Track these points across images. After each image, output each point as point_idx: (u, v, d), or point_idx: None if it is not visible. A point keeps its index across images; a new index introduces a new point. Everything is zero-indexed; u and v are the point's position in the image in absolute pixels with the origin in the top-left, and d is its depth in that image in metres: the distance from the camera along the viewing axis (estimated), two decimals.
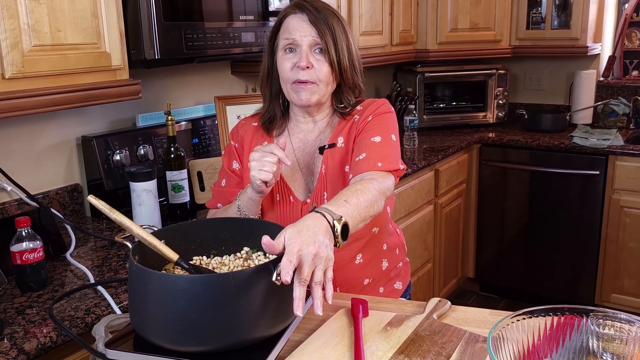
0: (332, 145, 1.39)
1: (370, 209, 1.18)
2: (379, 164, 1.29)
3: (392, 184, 1.31)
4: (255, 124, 1.48)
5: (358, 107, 1.42)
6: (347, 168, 1.37)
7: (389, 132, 1.36)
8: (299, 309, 0.91)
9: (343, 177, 1.37)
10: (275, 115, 1.44)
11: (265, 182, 1.24)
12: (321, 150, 1.40)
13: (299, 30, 1.31)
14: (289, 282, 0.90)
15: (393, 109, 1.43)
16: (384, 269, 1.48)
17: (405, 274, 1.57)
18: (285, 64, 1.33)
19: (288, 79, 1.34)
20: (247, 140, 1.46)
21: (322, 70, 1.32)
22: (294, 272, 0.92)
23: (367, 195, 1.17)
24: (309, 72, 1.31)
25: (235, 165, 1.47)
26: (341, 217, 1.05)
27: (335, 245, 1.04)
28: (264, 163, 1.22)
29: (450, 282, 3.35)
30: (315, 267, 0.96)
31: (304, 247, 0.94)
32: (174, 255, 1.04)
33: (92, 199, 1.07)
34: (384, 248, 1.48)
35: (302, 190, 1.42)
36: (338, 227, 1.04)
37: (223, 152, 1.53)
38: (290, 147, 1.43)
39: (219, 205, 1.47)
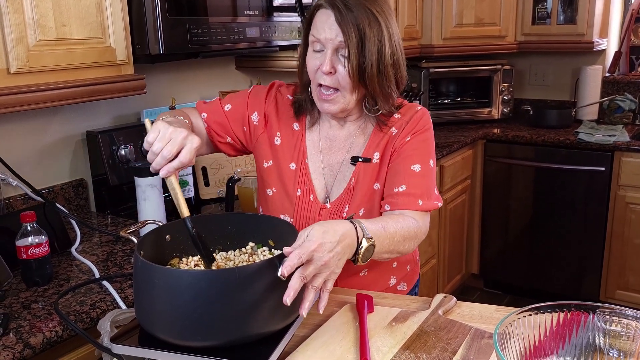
0: (368, 160, 1.33)
1: (400, 246, 1.18)
2: (420, 202, 1.27)
3: (428, 225, 1.30)
4: (290, 98, 1.39)
5: (396, 116, 1.34)
6: (376, 186, 1.33)
7: (427, 158, 1.31)
8: (289, 297, 0.92)
9: (370, 193, 1.33)
10: (304, 103, 1.35)
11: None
12: (354, 161, 1.34)
13: (325, 30, 1.20)
14: (286, 276, 0.91)
15: (431, 120, 1.36)
16: (391, 285, 1.44)
17: (413, 273, 1.52)
18: (312, 63, 1.25)
19: (313, 80, 1.27)
20: (278, 110, 1.38)
21: (345, 77, 1.21)
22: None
23: (404, 232, 1.18)
24: (331, 78, 1.22)
25: (255, 117, 1.38)
26: (371, 237, 1.06)
27: (353, 261, 1.05)
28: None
29: (455, 278, 3.34)
30: (319, 273, 0.97)
31: (320, 250, 0.95)
32: (186, 212, 1.05)
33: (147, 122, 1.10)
34: (394, 266, 1.43)
35: (320, 191, 1.36)
36: (364, 246, 1.05)
37: (249, 92, 1.41)
38: (317, 147, 1.37)
39: (203, 114, 1.38)
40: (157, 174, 1.07)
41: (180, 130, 1.07)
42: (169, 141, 1.05)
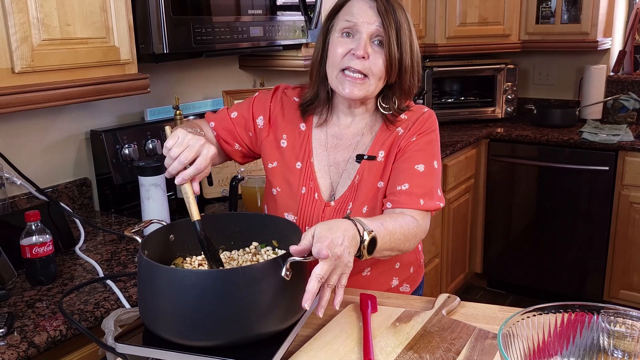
0: (372, 158, 1.33)
1: (402, 244, 1.18)
2: (421, 202, 1.27)
3: (428, 225, 1.30)
4: (297, 100, 1.40)
5: (403, 116, 1.35)
6: (380, 184, 1.33)
7: (432, 159, 1.32)
8: (307, 302, 0.92)
9: (374, 192, 1.33)
10: (317, 98, 1.35)
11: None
12: (359, 158, 1.34)
13: (363, 15, 1.23)
14: (328, 255, 0.92)
15: (437, 122, 1.37)
16: (393, 286, 1.44)
17: (416, 275, 1.51)
18: (338, 49, 1.25)
19: (337, 65, 1.25)
20: (284, 112, 1.39)
21: (377, 63, 1.23)
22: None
23: (404, 230, 1.18)
24: (363, 63, 1.23)
25: (260, 121, 1.39)
26: (372, 231, 1.06)
27: (358, 257, 1.05)
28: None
29: (458, 277, 3.34)
30: (334, 270, 0.97)
31: (332, 245, 0.96)
32: (196, 215, 1.06)
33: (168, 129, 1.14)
34: (397, 266, 1.43)
35: (325, 189, 1.36)
36: (366, 239, 1.05)
37: (254, 98, 1.43)
38: (324, 146, 1.38)
39: (211, 123, 1.41)
40: (162, 173, 1.09)
41: (198, 138, 1.10)
42: (186, 147, 1.08)
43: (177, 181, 1.09)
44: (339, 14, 1.28)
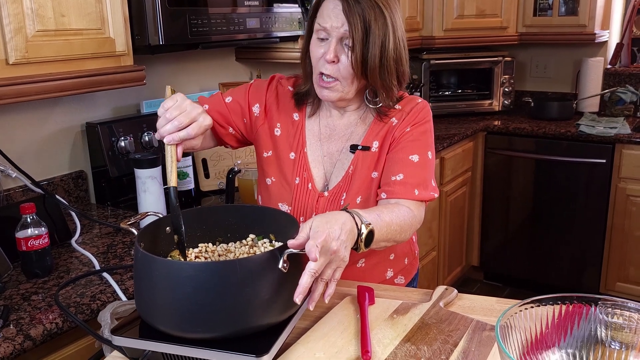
0: (367, 149, 1.33)
1: (398, 235, 1.18)
2: (416, 192, 1.27)
3: (423, 215, 1.30)
4: (291, 89, 1.40)
5: (397, 106, 1.34)
6: (374, 174, 1.33)
7: (426, 149, 1.32)
8: (299, 296, 0.92)
9: (368, 182, 1.33)
10: (309, 92, 1.36)
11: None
12: (353, 149, 1.34)
13: (332, 18, 1.21)
14: (317, 259, 0.92)
15: (431, 113, 1.36)
16: (387, 277, 1.44)
17: (411, 267, 1.51)
18: (316, 51, 1.26)
19: (315, 68, 1.27)
20: (279, 102, 1.39)
21: (347, 67, 1.22)
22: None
23: (400, 221, 1.18)
24: (333, 67, 1.23)
25: (256, 109, 1.38)
26: (369, 224, 1.06)
27: (355, 249, 1.05)
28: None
29: (455, 270, 3.35)
30: (329, 264, 0.97)
31: (329, 240, 0.95)
32: (174, 182, 1.05)
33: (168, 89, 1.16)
34: (391, 258, 1.43)
35: (319, 179, 1.36)
36: (364, 232, 1.04)
37: (250, 85, 1.42)
38: (317, 135, 1.38)
39: (205, 106, 1.37)
40: (158, 165, 1.08)
41: (196, 106, 1.12)
42: (183, 112, 1.09)
43: (166, 140, 1.08)
44: (317, 15, 1.27)
